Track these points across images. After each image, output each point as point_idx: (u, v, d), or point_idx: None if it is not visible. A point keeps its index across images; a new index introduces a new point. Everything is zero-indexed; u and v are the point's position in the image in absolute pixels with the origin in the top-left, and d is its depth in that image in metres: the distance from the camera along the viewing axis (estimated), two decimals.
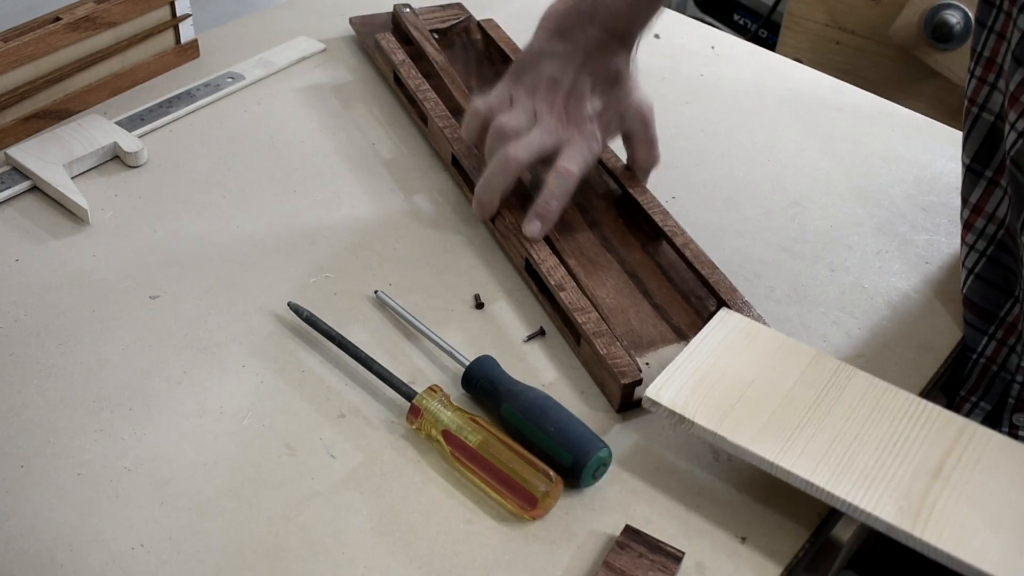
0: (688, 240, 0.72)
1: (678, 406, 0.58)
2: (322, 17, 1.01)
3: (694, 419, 0.58)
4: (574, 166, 0.72)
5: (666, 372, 0.61)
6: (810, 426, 0.58)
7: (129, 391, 0.63)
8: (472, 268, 0.74)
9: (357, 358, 0.64)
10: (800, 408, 0.59)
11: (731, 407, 0.59)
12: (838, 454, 0.56)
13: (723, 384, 0.60)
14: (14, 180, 0.77)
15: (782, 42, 1.58)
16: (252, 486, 0.58)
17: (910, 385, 0.68)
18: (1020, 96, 0.63)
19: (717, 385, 0.60)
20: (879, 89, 1.01)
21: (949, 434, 0.58)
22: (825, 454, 0.56)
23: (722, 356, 0.62)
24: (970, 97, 0.69)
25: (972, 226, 0.71)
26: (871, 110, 0.96)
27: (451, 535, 0.56)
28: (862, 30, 1.50)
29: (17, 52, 0.79)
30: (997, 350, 0.71)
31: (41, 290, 0.69)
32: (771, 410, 0.59)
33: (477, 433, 0.58)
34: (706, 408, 0.58)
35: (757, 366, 0.62)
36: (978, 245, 0.71)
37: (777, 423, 0.58)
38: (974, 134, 0.69)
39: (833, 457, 0.56)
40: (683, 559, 0.55)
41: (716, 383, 0.60)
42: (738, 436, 0.57)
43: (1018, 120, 0.64)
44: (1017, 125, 0.64)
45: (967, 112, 0.70)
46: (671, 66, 0.99)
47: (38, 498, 0.56)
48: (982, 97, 0.68)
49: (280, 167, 0.82)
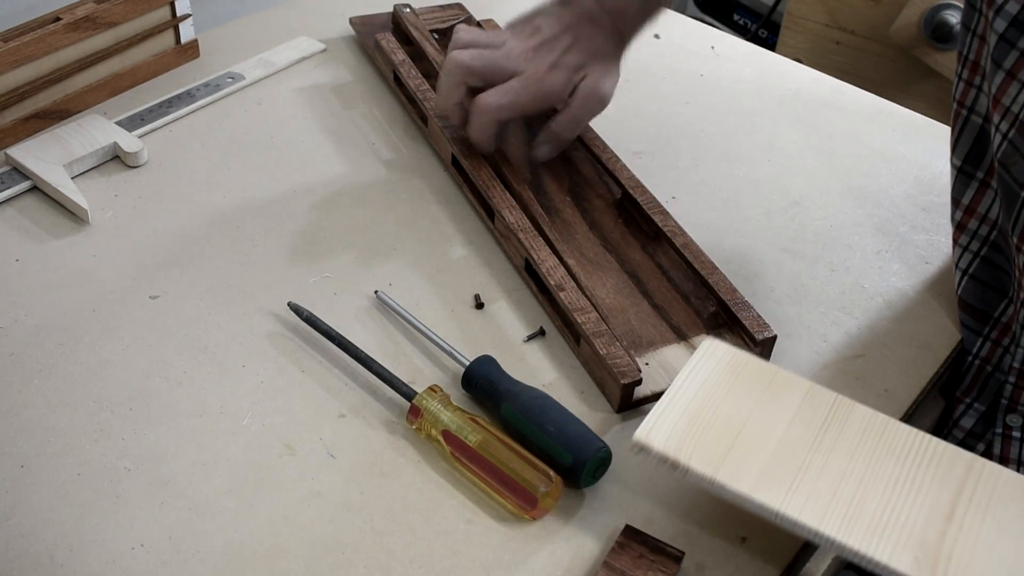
0: (688, 240, 0.72)
1: (671, 450, 0.54)
2: (322, 17, 1.01)
3: (689, 465, 0.54)
4: (515, 88, 0.74)
5: (654, 412, 0.56)
6: (813, 468, 0.54)
7: (129, 391, 0.63)
8: (472, 268, 0.74)
9: (357, 358, 0.64)
10: (800, 448, 0.55)
11: (727, 450, 0.55)
12: (845, 499, 0.53)
13: (716, 424, 0.56)
14: (14, 180, 0.77)
15: (782, 42, 1.58)
16: (252, 486, 0.58)
17: (910, 385, 0.68)
18: (1001, 99, 0.63)
19: (710, 426, 0.56)
20: (879, 89, 1.01)
21: (957, 473, 0.55)
22: (832, 500, 0.53)
23: (712, 392, 0.58)
24: (958, 100, 0.69)
25: (965, 227, 0.71)
26: (871, 110, 0.96)
27: (451, 535, 0.56)
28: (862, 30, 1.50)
29: (17, 52, 0.79)
30: (992, 351, 0.71)
31: (41, 290, 0.69)
32: (770, 452, 0.55)
33: (477, 433, 0.58)
34: (701, 452, 0.54)
35: (750, 402, 0.57)
36: (971, 246, 0.71)
37: (778, 466, 0.54)
38: (964, 136, 0.69)
39: (840, 503, 0.53)
40: (683, 559, 0.55)
41: (709, 423, 0.56)
42: (738, 482, 0.53)
43: (1001, 122, 0.64)
44: (1001, 127, 0.64)
45: (956, 115, 0.70)
46: (671, 66, 0.99)
47: (38, 498, 0.56)
48: (970, 100, 0.68)
49: (280, 167, 0.82)
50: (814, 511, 0.52)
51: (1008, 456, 0.71)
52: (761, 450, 0.55)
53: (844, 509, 0.53)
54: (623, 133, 0.88)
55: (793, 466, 0.55)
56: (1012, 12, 0.61)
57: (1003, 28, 0.62)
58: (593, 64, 0.77)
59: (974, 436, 0.73)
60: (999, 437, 0.71)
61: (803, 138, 0.91)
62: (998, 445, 0.71)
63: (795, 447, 0.56)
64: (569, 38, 0.76)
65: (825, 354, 0.69)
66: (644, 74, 0.96)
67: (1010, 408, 0.70)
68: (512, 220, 0.72)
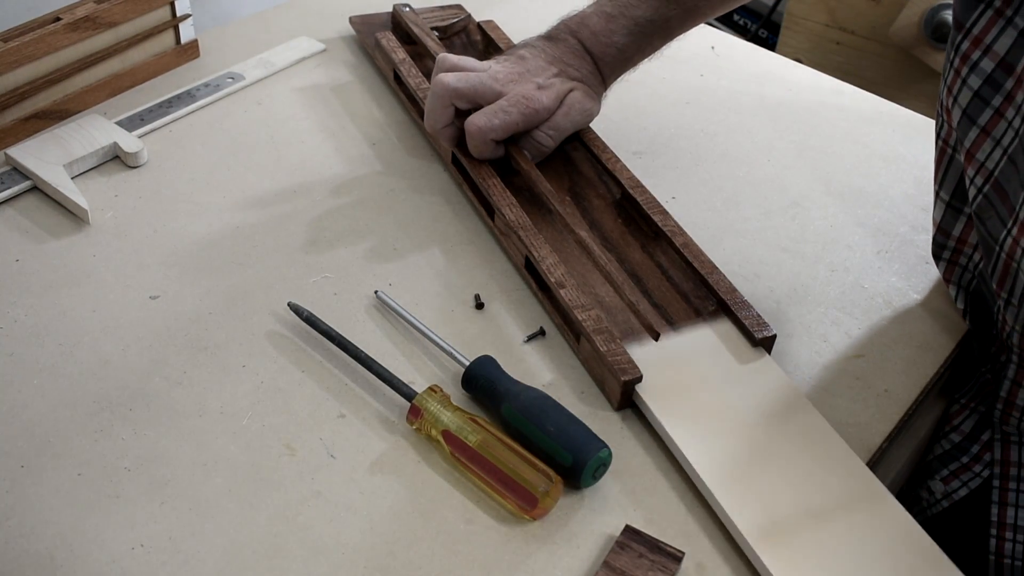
0: (688, 240, 0.72)
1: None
2: (322, 17, 1.01)
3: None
4: (504, 107, 0.74)
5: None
6: (734, 433, 0.61)
7: (129, 391, 0.63)
8: (472, 268, 0.74)
9: (357, 358, 0.64)
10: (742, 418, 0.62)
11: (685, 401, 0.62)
12: (742, 464, 0.59)
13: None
14: (14, 180, 0.77)
15: (782, 42, 1.58)
16: (252, 486, 0.58)
17: (910, 385, 0.68)
18: (976, 154, 0.63)
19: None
20: (879, 89, 1.01)
21: (856, 492, 0.58)
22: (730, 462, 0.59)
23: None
24: (943, 138, 0.70)
25: (957, 263, 0.72)
26: (871, 110, 0.96)
27: (451, 535, 0.56)
28: (862, 30, 1.50)
29: (17, 52, 0.79)
30: (988, 354, 0.72)
31: (41, 290, 0.69)
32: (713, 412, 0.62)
33: (477, 433, 0.58)
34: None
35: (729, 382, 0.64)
36: (963, 280, 0.72)
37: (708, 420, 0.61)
38: (950, 173, 0.70)
39: (737, 467, 0.59)
40: (683, 559, 0.55)
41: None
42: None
43: (976, 176, 0.64)
44: (976, 181, 0.64)
45: (941, 152, 0.70)
46: (671, 66, 0.99)
47: (38, 498, 0.56)
48: (953, 139, 0.68)
49: (280, 167, 0.82)
50: (707, 461, 0.59)
51: (1009, 459, 0.70)
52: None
53: (733, 469, 0.58)
54: (623, 133, 0.88)
55: (722, 425, 0.61)
56: (987, 70, 0.61)
57: (977, 85, 0.62)
58: (580, 86, 0.78)
59: (971, 439, 0.73)
60: (999, 441, 0.71)
61: (803, 138, 0.91)
62: (998, 449, 0.71)
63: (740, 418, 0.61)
64: (555, 68, 0.78)
65: (825, 354, 0.69)
66: (644, 74, 0.96)
67: (1006, 411, 0.70)
68: (512, 217, 0.72)
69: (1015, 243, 0.61)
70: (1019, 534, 0.69)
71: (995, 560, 0.70)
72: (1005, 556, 0.70)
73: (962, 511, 0.72)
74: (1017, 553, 0.69)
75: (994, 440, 0.71)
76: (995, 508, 0.70)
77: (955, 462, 0.73)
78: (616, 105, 0.79)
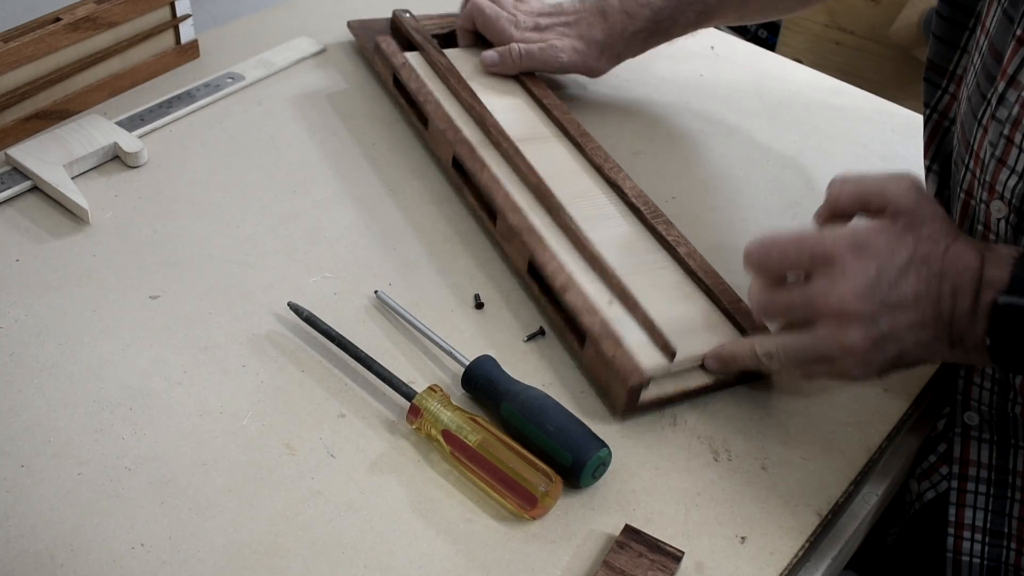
0: (691, 250, 0.71)
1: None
2: (322, 19, 1.01)
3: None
4: (516, 49, 0.87)
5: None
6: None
7: (129, 391, 0.63)
8: (472, 268, 0.74)
9: (357, 358, 0.64)
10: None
11: None
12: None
13: None
14: (14, 180, 0.77)
15: (782, 42, 1.58)
16: (252, 486, 0.58)
17: (909, 385, 0.68)
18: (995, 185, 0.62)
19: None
20: (879, 89, 1.01)
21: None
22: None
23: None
24: (939, 110, 0.71)
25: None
26: (871, 110, 0.96)
27: (451, 535, 0.56)
28: (862, 30, 1.50)
29: (17, 52, 0.79)
30: None
31: (41, 290, 0.69)
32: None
33: (477, 433, 0.58)
34: None
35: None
36: None
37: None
38: (943, 147, 0.70)
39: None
40: (683, 559, 0.55)
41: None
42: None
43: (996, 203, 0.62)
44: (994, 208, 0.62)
45: (937, 124, 0.71)
46: (671, 66, 0.99)
47: (38, 498, 0.56)
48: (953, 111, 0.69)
49: (280, 167, 0.82)
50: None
51: (968, 458, 0.68)
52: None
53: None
54: (623, 133, 0.88)
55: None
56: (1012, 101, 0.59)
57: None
58: (570, 38, 0.86)
59: (939, 438, 0.71)
60: (959, 437, 0.68)
61: (803, 138, 0.91)
62: (958, 446, 0.68)
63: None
64: (572, 18, 0.86)
65: None
66: (644, 74, 0.96)
67: (965, 405, 0.68)
68: (515, 222, 0.72)
69: (973, 178, 0.61)
70: (977, 533, 0.67)
71: (952, 557, 0.68)
72: (963, 554, 0.68)
73: (931, 515, 0.71)
74: (976, 552, 0.68)
75: (955, 437, 0.68)
76: (953, 509, 0.68)
77: (924, 461, 0.72)
78: (616, 105, 0.79)
